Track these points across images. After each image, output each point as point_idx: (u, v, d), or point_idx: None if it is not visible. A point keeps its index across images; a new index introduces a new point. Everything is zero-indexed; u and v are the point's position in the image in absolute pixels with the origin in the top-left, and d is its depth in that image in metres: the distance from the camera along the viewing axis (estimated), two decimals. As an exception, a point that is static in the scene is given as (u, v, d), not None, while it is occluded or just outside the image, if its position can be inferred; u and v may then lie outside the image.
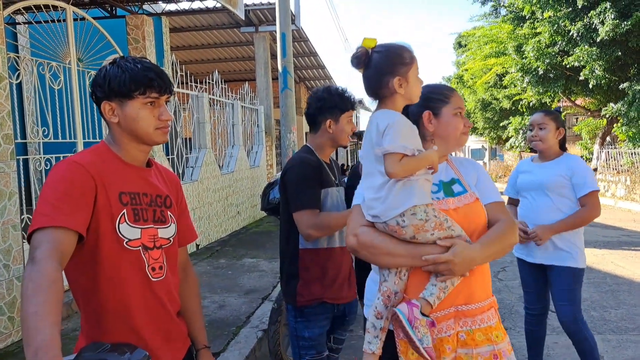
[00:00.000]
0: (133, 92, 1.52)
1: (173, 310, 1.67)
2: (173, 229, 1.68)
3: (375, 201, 1.58)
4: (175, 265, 1.71)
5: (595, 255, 7.31)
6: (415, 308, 1.54)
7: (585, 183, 3.01)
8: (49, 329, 1.15)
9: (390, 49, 1.62)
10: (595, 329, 4.36)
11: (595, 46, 13.38)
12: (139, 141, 1.58)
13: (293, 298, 2.30)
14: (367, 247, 1.59)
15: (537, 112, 3.21)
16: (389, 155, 1.52)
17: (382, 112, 1.61)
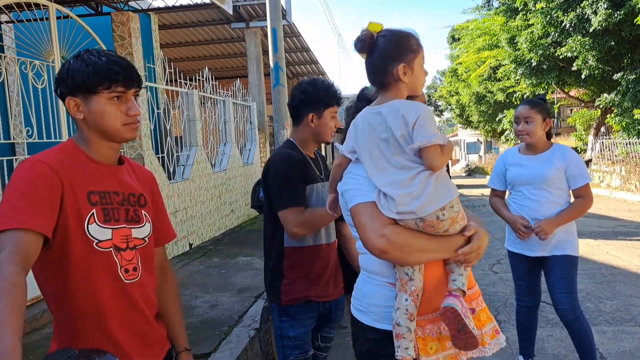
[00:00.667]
0: (97, 86, 1.44)
1: (150, 313, 1.60)
2: (148, 229, 1.61)
3: (407, 197, 1.44)
4: (152, 266, 1.65)
5: (591, 246, 7.28)
6: (461, 299, 1.51)
7: (581, 175, 3.02)
8: (10, 335, 1.08)
9: (397, 34, 1.55)
10: (590, 320, 4.30)
11: (588, 36, 13.36)
12: (107, 138, 1.51)
13: (277, 297, 2.24)
14: (401, 246, 1.45)
15: (521, 104, 3.14)
16: (432, 148, 1.44)
17: (403, 103, 1.52)
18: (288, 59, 15.42)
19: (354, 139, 1.58)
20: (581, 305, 4.60)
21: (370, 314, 1.59)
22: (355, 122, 1.59)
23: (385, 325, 1.54)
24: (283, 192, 2.15)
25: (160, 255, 1.76)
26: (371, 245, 1.45)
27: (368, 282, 1.63)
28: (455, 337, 1.47)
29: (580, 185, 3.01)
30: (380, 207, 1.47)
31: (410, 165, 1.47)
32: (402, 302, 1.49)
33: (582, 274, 5.80)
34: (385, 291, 1.57)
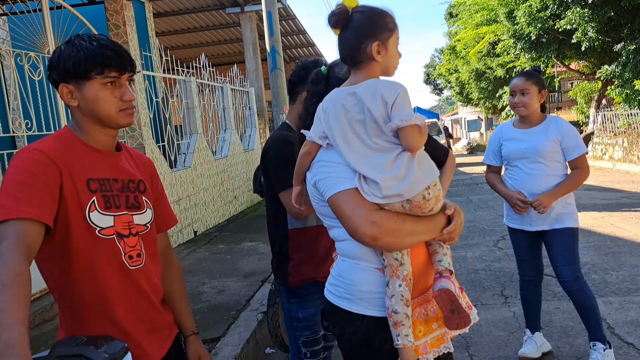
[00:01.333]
0: (90, 72, 1.42)
1: (156, 299, 1.61)
2: (149, 215, 1.60)
3: (392, 180, 1.39)
4: (155, 252, 1.65)
5: (595, 219, 7.28)
6: (452, 279, 1.50)
7: (576, 146, 3.01)
8: (16, 325, 1.07)
9: (374, 10, 1.49)
10: (597, 292, 4.32)
11: (587, 8, 13.18)
12: (103, 124, 1.49)
13: (285, 279, 2.24)
14: (392, 231, 1.40)
15: (516, 76, 3.09)
16: (411, 128, 1.38)
17: (380, 81, 1.47)
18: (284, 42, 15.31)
19: (325, 122, 1.49)
20: (587, 277, 4.66)
21: (361, 301, 1.51)
22: (324, 105, 1.51)
23: (377, 312, 1.49)
24: (281, 174, 2.13)
25: (162, 241, 1.75)
26: (361, 233, 1.38)
27: (353, 268, 1.53)
28: (448, 317, 1.46)
29: (576, 157, 3.00)
30: (363, 194, 1.41)
31: (390, 146, 1.41)
32: (396, 289, 1.44)
33: (588, 246, 5.81)
34: (373, 277, 1.50)
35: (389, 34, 1.47)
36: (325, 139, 1.50)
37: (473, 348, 3.52)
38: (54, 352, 1.21)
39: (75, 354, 1.18)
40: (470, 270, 5.28)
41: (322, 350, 2.32)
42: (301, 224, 2.21)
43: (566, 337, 3.59)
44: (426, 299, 1.54)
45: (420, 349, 1.47)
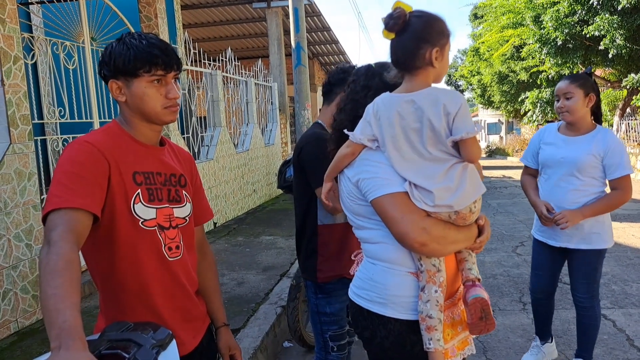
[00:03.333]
0: (138, 69, 1.47)
1: (191, 290, 1.66)
2: (189, 208, 1.66)
3: (445, 191, 1.41)
4: (192, 244, 1.70)
5: (616, 229, 7.19)
6: (483, 288, 1.55)
7: (620, 164, 2.75)
8: (70, 309, 1.13)
9: (431, 15, 1.48)
10: (616, 302, 4.31)
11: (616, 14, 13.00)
12: (148, 120, 1.54)
13: (313, 274, 2.29)
14: (438, 238, 1.43)
15: (561, 80, 2.91)
16: (473, 140, 1.41)
17: (441, 90, 1.46)
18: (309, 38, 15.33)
19: (376, 127, 1.49)
20: (607, 287, 4.65)
21: (394, 305, 1.52)
22: (375, 109, 1.51)
23: (410, 316, 1.51)
24: (318, 171, 2.18)
25: (199, 234, 1.81)
26: (411, 238, 1.40)
27: (387, 272, 1.54)
28: (475, 324, 1.49)
29: (618, 177, 2.76)
30: (414, 199, 1.42)
31: (444, 157, 1.43)
32: (432, 294, 1.46)
33: (608, 257, 5.75)
34: (407, 281, 1.51)
35: (445, 41, 1.47)
36: (374, 142, 1.51)
37: (490, 353, 3.55)
38: (104, 336, 1.27)
39: (125, 339, 1.24)
40: (489, 275, 5.29)
41: (348, 344, 2.38)
42: (331, 221, 2.26)
43: (584, 346, 3.60)
44: (453, 302, 1.57)
45: (449, 352, 1.51)
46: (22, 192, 3.83)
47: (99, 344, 1.23)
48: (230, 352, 1.82)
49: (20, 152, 3.84)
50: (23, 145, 3.86)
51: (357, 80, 1.75)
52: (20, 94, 3.87)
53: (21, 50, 3.90)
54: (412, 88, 1.48)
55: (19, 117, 3.84)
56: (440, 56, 1.46)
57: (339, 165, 1.62)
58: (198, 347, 1.68)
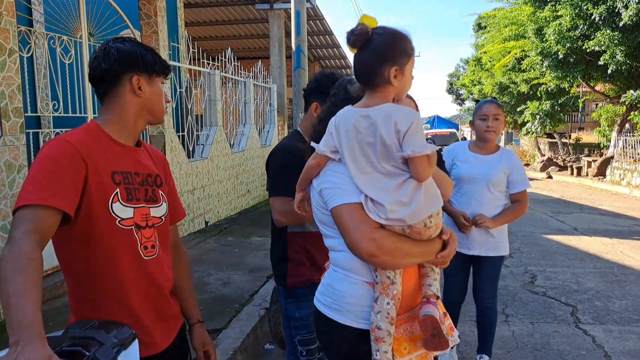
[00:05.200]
0: (159, 71, 1.60)
1: (166, 289, 1.69)
2: (165, 208, 1.69)
3: (397, 205, 1.42)
4: (168, 243, 1.73)
5: (605, 244, 7.25)
6: (438, 305, 1.54)
7: (523, 180, 3.19)
8: (31, 306, 1.16)
9: (394, 33, 1.47)
10: (598, 318, 4.34)
11: (617, 31, 13.08)
12: (152, 119, 1.65)
13: (283, 279, 2.33)
14: (390, 251, 1.43)
15: (485, 102, 3.19)
16: (421, 159, 1.41)
17: (395, 107, 1.47)
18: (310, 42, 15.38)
19: (337, 138, 1.52)
20: (590, 303, 4.69)
21: (348, 313, 1.54)
22: (336, 122, 1.53)
23: (362, 325, 1.52)
24: (276, 180, 2.24)
25: (173, 233, 1.84)
26: (360, 248, 1.41)
27: (344, 280, 1.57)
28: (428, 340, 1.49)
29: (521, 190, 3.18)
30: (367, 211, 1.43)
31: (397, 172, 1.44)
32: (383, 306, 1.46)
33: (594, 272, 5.80)
34: (362, 290, 1.53)
35: (407, 60, 1.48)
36: (337, 154, 1.53)
37: (468, 363, 3.57)
38: (67, 333, 1.29)
39: (87, 337, 1.27)
40: (474, 286, 5.31)
41: (318, 350, 2.40)
42: (300, 229, 2.29)
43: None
44: (413, 316, 1.57)
45: None
46: (10, 184, 3.85)
47: (61, 341, 1.25)
48: (204, 348, 1.84)
49: (11, 145, 3.86)
50: (14, 138, 3.89)
51: (337, 93, 1.79)
52: (13, 87, 3.89)
53: (17, 43, 3.93)
54: (371, 103, 1.50)
55: (11, 110, 3.86)
56: (400, 74, 1.47)
57: (307, 177, 1.65)
58: (170, 346, 1.70)
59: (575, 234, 8.09)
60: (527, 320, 4.32)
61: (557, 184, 17.20)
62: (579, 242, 7.41)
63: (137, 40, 1.65)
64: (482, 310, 3.35)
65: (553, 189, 15.26)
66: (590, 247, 7.12)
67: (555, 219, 9.48)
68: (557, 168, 21.34)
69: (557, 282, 5.42)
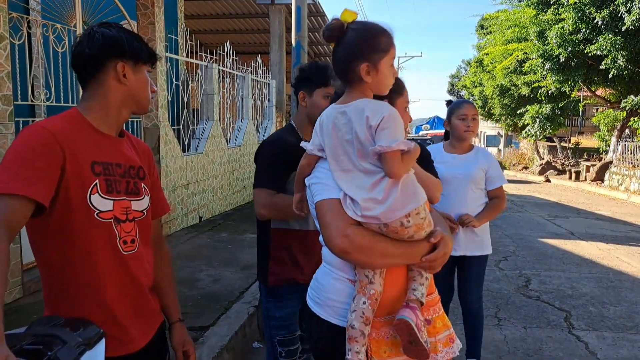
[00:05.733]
0: (146, 58, 1.54)
1: (146, 285, 1.62)
2: (147, 202, 1.63)
3: (371, 202, 1.40)
4: (149, 238, 1.67)
5: (601, 250, 7.19)
6: (417, 310, 1.48)
7: (500, 176, 3.21)
8: None
9: (368, 28, 1.43)
10: (592, 324, 4.29)
11: (619, 35, 13.03)
12: (136, 109, 1.58)
13: (265, 277, 2.27)
14: (363, 249, 1.41)
15: (463, 102, 3.21)
16: (392, 154, 1.37)
17: (369, 102, 1.44)
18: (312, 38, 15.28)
19: (321, 136, 1.51)
20: (584, 309, 4.63)
21: (327, 308, 1.54)
22: (320, 120, 1.53)
23: (339, 321, 1.51)
24: (262, 172, 2.19)
25: (155, 228, 1.77)
26: (333, 244, 1.40)
27: (327, 275, 1.57)
28: (406, 347, 1.45)
29: (498, 186, 3.21)
30: (345, 207, 1.42)
31: (375, 169, 1.42)
32: (359, 305, 1.44)
33: (589, 277, 5.75)
34: (343, 286, 1.52)
35: (380, 55, 1.43)
36: (323, 151, 1.51)
37: (458, 367, 3.51)
38: (30, 330, 1.23)
39: (49, 334, 1.20)
40: (468, 288, 5.25)
41: (299, 351, 2.33)
42: (284, 225, 2.23)
43: (554, 367, 3.57)
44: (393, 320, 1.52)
45: None
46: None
47: (22, 339, 1.19)
48: (183, 347, 1.79)
49: (0, 133, 3.78)
50: (2, 126, 3.81)
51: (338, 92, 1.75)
52: (3, 74, 3.82)
53: (7, 30, 3.85)
54: (348, 99, 1.47)
55: (0, 97, 3.79)
56: (374, 71, 1.43)
57: (300, 177, 1.64)
58: (149, 344, 1.64)
59: (572, 238, 8.04)
60: (520, 325, 4.26)
61: (555, 188, 17.15)
62: (575, 247, 7.36)
63: (122, 26, 1.57)
64: (468, 312, 3.32)
65: (551, 193, 15.21)
66: (586, 252, 7.06)
67: (552, 223, 9.43)
68: (556, 172, 21.31)
69: (552, 287, 5.36)
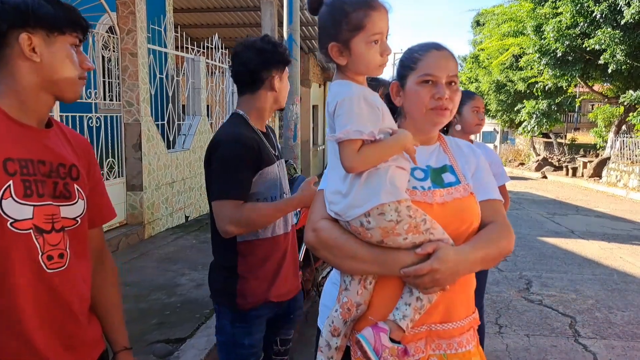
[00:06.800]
0: (65, 26, 1.21)
1: (79, 309, 1.32)
2: (81, 206, 1.32)
3: (336, 195, 1.28)
4: (85, 251, 1.37)
5: (603, 249, 6.93)
6: (383, 333, 1.24)
7: (502, 173, 2.84)
8: None
9: (336, 3, 1.26)
10: (599, 332, 4.01)
11: (618, 29, 12.77)
12: (54, 92, 1.25)
13: (231, 300, 1.92)
14: (329, 246, 1.30)
15: (474, 94, 2.96)
16: (345, 144, 1.21)
17: (336, 84, 1.29)
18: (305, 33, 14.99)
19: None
20: (589, 314, 4.38)
21: (321, 314, 1.49)
22: None
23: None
24: (224, 180, 1.82)
25: (96, 238, 1.47)
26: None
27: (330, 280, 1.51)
28: None
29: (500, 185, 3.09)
30: (325, 200, 1.34)
31: None
32: (332, 312, 1.33)
33: (593, 279, 5.49)
34: (332, 291, 1.43)
35: (354, 33, 1.23)
36: None
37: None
38: None
39: None
40: (466, 292, 4.98)
41: None
42: (253, 237, 1.91)
43: (560, 380, 3.30)
44: None
45: None
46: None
47: None
48: None
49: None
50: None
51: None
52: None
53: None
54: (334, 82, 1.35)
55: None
56: (346, 51, 1.25)
57: None
58: None
59: (572, 237, 7.78)
60: (522, 332, 3.98)
61: (552, 184, 16.93)
62: (576, 246, 7.10)
63: None
64: None
65: (548, 189, 14.98)
66: (587, 251, 6.80)
67: (551, 221, 9.17)
68: (552, 168, 21.12)
69: (554, 290, 5.09)
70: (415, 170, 1.38)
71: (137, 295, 4.16)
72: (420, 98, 1.34)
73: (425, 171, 1.40)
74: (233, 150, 1.83)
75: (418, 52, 1.39)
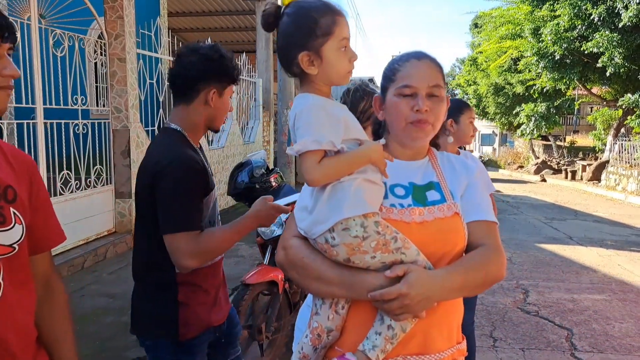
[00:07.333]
0: None
1: (18, 345, 1.20)
2: (19, 232, 1.20)
3: (303, 211, 1.23)
4: (26, 279, 1.24)
5: (601, 256, 6.81)
6: None
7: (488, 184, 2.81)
8: None
9: (303, 11, 1.19)
10: (596, 345, 3.89)
11: (616, 32, 12.70)
12: None
13: (172, 332, 1.74)
14: (296, 266, 1.24)
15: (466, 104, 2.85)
16: (305, 156, 1.14)
17: (297, 98, 1.23)
18: (301, 36, 14.93)
19: None
20: (586, 325, 4.24)
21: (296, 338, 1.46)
22: None
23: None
24: (176, 210, 1.64)
25: (43, 264, 1.35)
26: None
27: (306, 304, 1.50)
28: None
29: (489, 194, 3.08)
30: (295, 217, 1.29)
31: None
32: (302, 338, 1.27)
33: (590, 287, 5.37)
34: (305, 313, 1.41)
35: (323, 39, 1.18)
36: None
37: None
38: None
39: None
40: (460, 302, 4.87)
41: None
42: None
43: (556, 398, 3.18)
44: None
45: None
46: None
47: None
48: None
49: None
50: None
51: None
52: None
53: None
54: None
55: None
56: (317, 59, 1.19)
57: None
58: None
59: (570, 243, 7.67)
60: (517, 346, 3.86)
61: (551, 188, 16.83)
62: (573, 253, 6.98)
63: None
64: None
65: (547, 193, 14.88)
66: (585, 258, 6.69)
67: (549, 226, 9.05)
68: (552, 171, 21.02)
69: (551, 300, 4.97)
70: (396, 187, 1.28)
71: (120, 308, 4.04)
72: (399, 111, 1.26)
73: (407, 188, 1.29)
74: (183, 177, 1.65)
75: (398, 63, 1.32)
